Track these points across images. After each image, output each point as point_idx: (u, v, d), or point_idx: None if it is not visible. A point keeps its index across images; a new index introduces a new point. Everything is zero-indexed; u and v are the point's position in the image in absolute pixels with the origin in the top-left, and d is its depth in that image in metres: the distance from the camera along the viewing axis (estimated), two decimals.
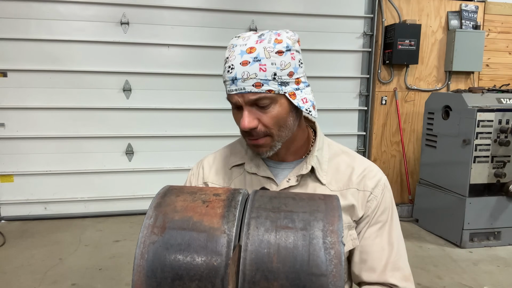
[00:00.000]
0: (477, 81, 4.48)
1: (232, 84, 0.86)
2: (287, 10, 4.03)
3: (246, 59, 0.85)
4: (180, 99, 3.97)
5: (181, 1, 3.82)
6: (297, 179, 0.96)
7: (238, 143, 1.08)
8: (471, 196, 3.30)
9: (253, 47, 0.85)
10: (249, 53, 0.85)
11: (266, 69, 0.84)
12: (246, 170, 1.01)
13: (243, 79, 0.84)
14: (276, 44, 0.86)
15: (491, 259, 3.16)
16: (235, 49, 0.87)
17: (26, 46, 3.63)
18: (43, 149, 3.80)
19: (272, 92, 0.86)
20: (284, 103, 0.88)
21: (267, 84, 0.85)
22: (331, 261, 0.54)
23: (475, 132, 3.21)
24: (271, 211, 0.61)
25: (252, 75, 0.84)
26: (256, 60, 0.84)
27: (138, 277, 0.56)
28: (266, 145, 0.91)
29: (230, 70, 0.86)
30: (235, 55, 0.86)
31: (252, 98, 0.85)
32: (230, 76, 0.86)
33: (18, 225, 3.70)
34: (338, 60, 4.21)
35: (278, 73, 0.85)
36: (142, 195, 4.02)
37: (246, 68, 0.84)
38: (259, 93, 0.85)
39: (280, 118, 0.88)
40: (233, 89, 0.86)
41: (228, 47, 0.90)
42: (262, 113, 0.87)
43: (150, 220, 0.60)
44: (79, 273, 2.81)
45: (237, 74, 0.85)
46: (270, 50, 0.85)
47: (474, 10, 4.31)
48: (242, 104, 0.87)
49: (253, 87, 0.84)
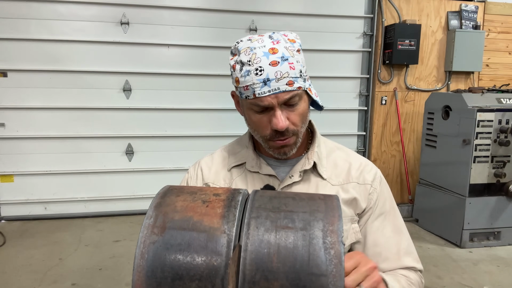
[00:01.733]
0: (477, 81, 4.48)
1: (264, 86, 0.84)
2: (287, 10, 4.03)
3: (275, 60, 0.84)
4: (180, 99, 3.97)
5: (181, 1, 3.82)
6: (300, 174, 0.97)
7: (235, 145, 1.08)
8: (471, 196, 3.30)
9: (275, 48, 0.86)
10: (273, 54, 0.85)
11: (295, 67, 0.86)
12: (248, 169, 1.01)
13: (277, 79, 0.84)
14: (293, 43, 0.88)
15: (491, 259, 3.16)
16: (255, 51, 0.86)
17: (26, 46, 3.63)
18: (43, 149, 3.80)
19: (300, 89, 0.88)
20: (306, 99, 0.92)
21: (297, 81, 0.87)
22: (331, 261, 0.54)
23: (475, 132, 3.21)
24: (271, 211, 0.61)
25: (285, 74, 0.85)
26: (284, 59, 0.85)
27: (138, 277, 0.56)
28: (292, 144, 0.92)
29: (260, 72, 0.84)
30: (260, 57, 0.85)
31: (286, 97, 0.86)
32: (261, 78, 0.84)
33: (18, 225, 3.70)
34: (338, 60, 4.21)
35: (302, 70, 0.89)
36: (142, 195, 4.02)
37: (278, 68, 0.84)
38: (292, 91, 0.86)
39: (304, 114, 0.92)
40: (266, 91, 0.84)
41: (242, 51, 0.87)
42: (291, 111, 0.89)
43: (150, 220, 0.60)
44: (79, 273, 2.81)
45: (269, 74, 0.84)
46: (292, 49, 0.87)
47: (474, 10, 4.31)
48: (275, 105, 0.86)
49: (287, 86, 0.85)
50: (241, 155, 1.03)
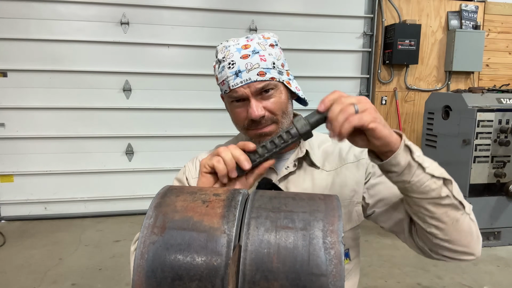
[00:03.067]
0: (477, 81, 4.48)
1: (236, 77, 0.90)
2: (287, 10, 4.03)
3: (246, 53, 0.90)
4: (180, 99, 3.97)
5: (181, 1, 3.82)
6: (295, 164, 1.00)
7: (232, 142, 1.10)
8: (471, 196, 3.29)
9: (247, 44, 0.92)
10: (245, 49, 0.91)
11: (266, 59, 0.91)
12: None
13: (247, 70, 0.89)
14: (266, 39, 0.94)
15: (491, 259, 3.16)
16: (229, 48, 0.92)
17: (26, 46, 3.63)
18: (43, 149, 3.80)
19: (274, 79, 0.91)
20: (284, 91, 0.95)
21: (269, 72, 0.91)
22: (331, 261, 0.54)
23: (475, 132, 3.21)
24: (271, 211, 0.61)
25: (255, 65, 0.89)
26: (255, 52, 0.90)
27: (138, 277, 0.56)
28: (272, 132, 0.94)
29: (231, 66, 0.90)
30: (232, 52, 0.91)
31: (258, 86, 0.90)
32: (233, 71, 0.90)
33: (18, 225, 3.70)
34: (338, 60, 4.21)
35: (276, 63, 0.93)
36: (142, 195, 4.02)
37: (248, 60, 0.90)
38: (264, 81, 0.90)
39: (283, 103, 0.94)
40: (238, 82, 0.90)
41: (219, 51, 0.95)
42: (267, 101, 0.92)
43: (150, 220, 0.60)
44: (79, 273, 2.81)
45: (240, 66, 0.89)
46: (264, 43, 0.93)
47: (474, 10, 4.31)
48: (248, 95, 0.90)
49: (258, 76, 0.89)
50: None
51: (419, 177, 0.76)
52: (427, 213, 0.81)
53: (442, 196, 0.79)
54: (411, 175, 0.76)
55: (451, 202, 0.80)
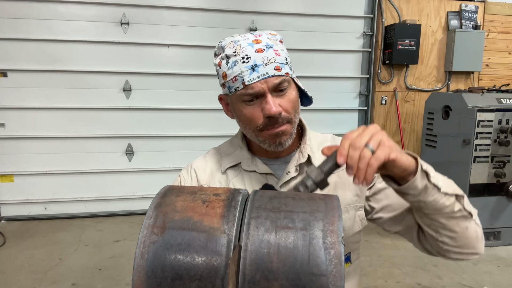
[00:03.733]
0: (477, 81, 4.48)
1: (252, 72, 0.84)
2: (287, 10, 4.03)
3: (260, 47, 0.85)
4: (180, 99, 3.97)
5: (181, 1, 3.82)
6: (296, 169, 0.96)
7: (227, 146, 1.06)
8: (471, 196, 3.29)
9: (258, 39, 0.88)
10: (257, 43, 0.86)
11: (280, 54, 0.87)
12: (244, 168, 0.98)
13: (264, 64, 0.84)
14: (274, 36, 0.91)
15: (491, 259, 3.16)
16: (239, 43, 0.87)
17: (26, 46, 3.63)
18: (43, 149, 3.80)
19: (288, 75, 0.88)
20: (295, 88, 0.92)
21: (284, 67, 0.87)
22: (331, 261, 0.54)
23: (475, 132, 3.21)
24: (271, 211, 0.61)
25: (272, 59, 0.85)
26: (269, 47, 0.86)
27: (138, 277, 0.56)
28: (287, 132, 0.90)
29: (247, 60, 0.85)
30: (244, 47, 0.86)
31: (276, 82, 0.85)
32: (248, 65, 0.84)
33: (18, 225, 3.70)
34: (338, 60, 4.21)
35: (288, 59, 0.90)
36: (142, 195, 4.02)
37: (264, 54, 0.85)
38: (281, 76, 0.86)
39: (295, 102, 0.91)
40: (255, 77, 0.84)
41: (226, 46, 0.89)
42: (282, 98, 0.88)
43: (150, 220, 0.60)
44: (79, 273, 2.81)
45: (257, 60, 0.84)
46: (274, 39, 0.90)
47: (474, 10, 4.31)
48: (265, 91, 0.85)
49: (275, 71, 0.85)
50: (235, 156, 1.01)
51: (434, 197, 0.78)
52: (439, 225, 0.84)
53: (455, 211, 0.82)
54: (427, 196, 0.78)
55: (463, 214, 0.84)
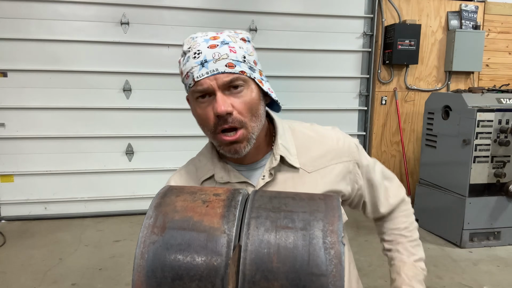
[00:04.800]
0: (477, 81, 4.48)
1: (201, 68, 0.80)
2: (287, 10, 4.02)
3: (214, 43, 0.81)
4: (180, 99, 3.92)
5: (181, 1, 3.82)
6: (270, 172, 0.90)
7: (201, 157, 1.01)
8: (471, 196, 3.29)
9: (217, 36, 0.84)
10: (214, 40, 0.82)
11: (236, 51, 0.82)
12: (217, 181, 0.93)
13: (214, 59, 0.80)
14: (237, 33, 0.86)
15: (491, 259, 3.16)
16: (196, 39, 0.84)
17: (26, 46, 3.63)
18: (43, 149, 3.80)
19: (244, 74, 0.82)
20: (255, 89, 0.85)
21: (239, 65, 0.81)
22: (331, 261, 0.54)
23: (475, 132, 3.21)
24: (271, 211, 0.61)
25: (224, 55, 0.80)
26: (224, 43, 0.82)
27: (138, 277, 0.56)
28: (243, 139, 0.84)
29: (197, 56, 0.81)
30: (199, 42, 0.82)
31: (226, 79, 0.80)
32: (198, 61, 0.80)
33: (18, 225, 3.70)
34: (338, 60, 4.21)
35: (247, 57, 0.84)
36: (142, 195, 4.02)
37: (216, 49, 0.80)
38: (233, 74, 0.80)
39: (252, 104, 0.84)
40: (204, 73, 0.80)
41: (185, 42, 0.86)
42: (235, 98, 0.82)
43: (150, 220, 0.60)
44: (79, 273, 2.81)
45: (207, 56, 0.80)
46: (234, 36, 0.85)
47: (474, 10, 4.31)
48: (214, 89, 0.80)
49: (226, 68, 0.80)
50: (207, 168, 0.96)
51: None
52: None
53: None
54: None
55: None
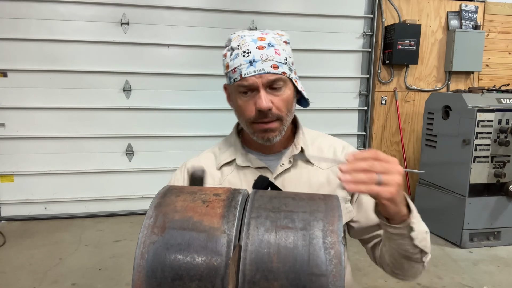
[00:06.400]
0: (477, 81, 4.48)
1: (249, 66, 0.90)
2: (287, 10, 4.02)
3: (262, 45, 0.91)
4: (180, 99, 3.97)
5: (181, 1, 3.82)
6: (290, 160, 1.01)
7: (222, 144, 1.11)
8: (471, 196, 3.29)
9: (263, 37, 0.93)
10: (261, 41, 0.92)
11: (280, 53, 0.92)
12: (238, 164, 1.03)
13: (262, 60, 0.90)
14: (280, 36, 0.97)
15: (491, 259, 3.16)
16: (245, 38, 0.93)
17: (26, 46, 3.63)
18: (43, 149, 3.80)
19: (285, 74, 0.92)
20: (291, 88, 0.96)
21: (282, 66, 0.92)
22: (331, 261, 0.54)
23: (475, 132, 3.21)
24: (271, 211, 0.61)
25: (270, 57, 0.90)
26: (271, 45, 0.92)
27: (138, 277, 0.56)
28: (276, 129, 0.94)
29: (247, 54, 0.91)
30: (248, 42, 0.92)
31: (270, 78, 0.90)
32: (247, 60, 0.90)
33: (18, 225, 3.70)
34: (338, 60, 4.21)
35: (288, 59, 0.94)
36: (142, 195, 4.01)
37: (264, 51, 0.91)
38: (277, 74, 0.91)
39: (289, 101, 0.95)
40: (251, 71, 0.90)
41: (233, 39, 0.96)
42: (275, 96, 0.93)
43: (150, 220, 0.60)
44: (79, 273, 2.81)
45: (255, 56, 0.90)
46: (278, 39, 0.95)
47: (474, 10, 4.31)
48: (259, 86, 0.91)
49: (272, 68, 0.90)
50: (229, 153, 1.06)
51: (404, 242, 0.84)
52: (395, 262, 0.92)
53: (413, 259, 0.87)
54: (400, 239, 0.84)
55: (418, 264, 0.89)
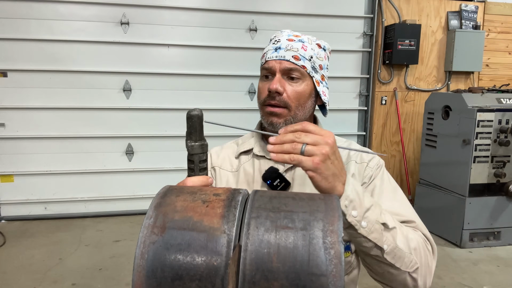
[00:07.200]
0: (477, 81, 4.48)
1: (274, 51, 0.98)
2: (287, 10, 4.03)
3: (292, 38, 1.00)
4: (180, 99, 3.97)
5: (181, 1, 3.82)
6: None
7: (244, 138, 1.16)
8: (471, 196, 3.29)
9: (299, 35, 1.02)
10: (295, 37, 1.01)
11: (307, 49, 0.99)
12: (255, 153, 1.08)
13: (286, 49, 0.98)
14: (317, 40, 1.05)
15: (491, 259, 3.16)
16: (284, 33, 1.03)
17: (26, 46, 3.63)
18: (43, 149, 3.80)
19: (305, 68, 0.98)
20: (310, 85, 1.01)
21: (304, 61, 0.98)
22: (331, 261, 0.54)
23: (475, 132, 3.21)
24: (271, 211, 0.61)
25: (295, 49, 0.98)
26: (300, 41, 1.00)
27: (138, 277, 0.56)
28: (281, 115, 0.98)
29: (276, 42, 1.00)
30: (284, 34, 1.02)
31: (288, 66, 0.97)
32: (274, 46, 0.99)
33: (18, 225, 3.70)
34: (338, 60, 4.21)
35: (314, 58, 1.00)
36: (142, 195, 4.02)
37: (291, 43, 0.99)
38: (295, 64, 0.97)
39: (302, 95, 0.99)
40: (274, 56, 0.98)
41: (275, 33, 1.06)
42: (290, 85, 0.98)
43: (150, 220, 0.60)
44: (79, 273, 2.81)
45: (282, 44, 0.99)
46: (312, 40, 1.03)
47: (474, 10, 4.31)
48: (276, 70, 0.97)
49: (292, 58, 0.97)
50: (249, 143, 1.12)
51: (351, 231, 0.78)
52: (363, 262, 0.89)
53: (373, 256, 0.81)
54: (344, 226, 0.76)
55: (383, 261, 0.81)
